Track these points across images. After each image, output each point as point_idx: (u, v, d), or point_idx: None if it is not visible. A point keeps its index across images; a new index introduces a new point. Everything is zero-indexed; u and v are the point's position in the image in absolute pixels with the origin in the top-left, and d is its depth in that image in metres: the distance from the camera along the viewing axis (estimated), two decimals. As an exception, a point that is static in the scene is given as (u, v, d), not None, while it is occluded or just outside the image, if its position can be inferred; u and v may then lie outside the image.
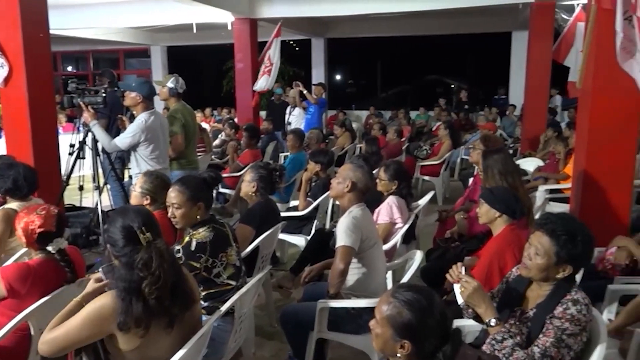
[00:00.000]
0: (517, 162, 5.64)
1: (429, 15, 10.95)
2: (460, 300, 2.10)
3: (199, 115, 10.63)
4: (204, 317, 2.34)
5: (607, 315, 2.81)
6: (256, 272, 3.12)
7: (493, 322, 1.98)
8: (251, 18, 8.89)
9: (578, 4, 6.64)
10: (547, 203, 4.93)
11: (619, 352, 2.46)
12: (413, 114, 12.44)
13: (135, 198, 3.06)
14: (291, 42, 16.82)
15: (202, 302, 2.48)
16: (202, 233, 2.52)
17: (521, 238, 2.56)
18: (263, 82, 8.33)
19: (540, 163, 6.26)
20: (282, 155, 7.34)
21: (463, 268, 2.08)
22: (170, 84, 4.42)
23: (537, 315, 2.00)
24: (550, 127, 7.57)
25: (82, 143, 4.54)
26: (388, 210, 3.57)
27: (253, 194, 3.45)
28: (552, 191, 5.19)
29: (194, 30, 10.22)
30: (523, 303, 2.13)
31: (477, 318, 2.20)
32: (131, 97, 4.07)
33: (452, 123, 8.28)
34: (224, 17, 8.92)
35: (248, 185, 3.47)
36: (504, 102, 12.21)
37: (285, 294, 3.89)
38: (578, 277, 2.53)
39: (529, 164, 6.30)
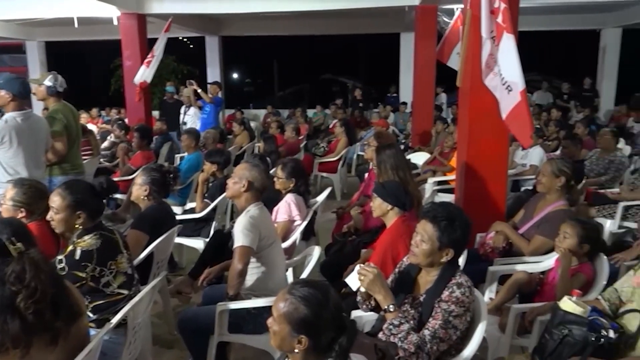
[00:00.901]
0: (408, 156, 5.97)
1: (322, 15, 11.16)
2: (354, 287, 2.16)
3: (84, 116, 9.93)
4: (94, 331, 2.19)
5: (489, 294, 3.06)
6: (151, 279, 2.98)
7: (391, 307, 2.08)
8: (139, 13, 8.47)
9: (457, 8, 7.13)
10: (435, 194, 5.26)
11: (498, 327, 2.69)
12: (310, 112, 12.63)
13: (6, 212, 2.72)
14: (185, 40, 16.30)
15: (90, 315, 2.33)
16: (87, 241, 2.36)
17: (412, 229, 2.68)
18: (140, 74, 7.95)
19: (429, 156, 6.64)
20: (177, 156, 7.09)
21: (358, 266, 2.15)
22: (48, 82, 4.06)
23: (426, 300, 2.13)
24: (439, 121, 8.09)
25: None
26: (286, 208, 3.59)
27: (145, 198, 3.29)
28: (439, 183, 5.55)
29: (76, 25, 9.50)
30: (414, 289, 2.26)
31: (375, 309, 2.29)
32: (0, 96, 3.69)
33: (348, 121, 8.53)
34: (109, 11, 8.41)
35: (140, 189, 3.30)
36: (395, 100, 12.81)
37: (185, 299, 3.78)
38: (462, 261, 2.74)
39: (419, 158, 6.68)
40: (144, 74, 7.90)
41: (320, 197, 4.29)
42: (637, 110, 10.16)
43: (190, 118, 8.46)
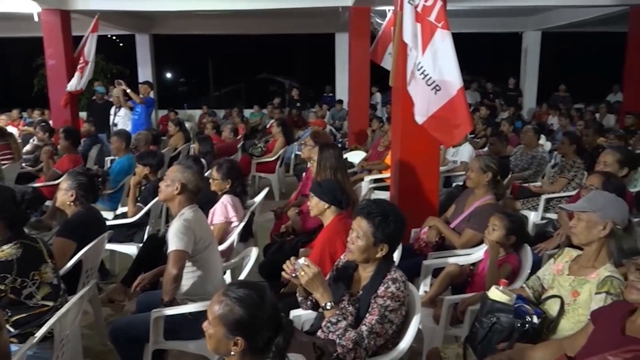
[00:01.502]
0: (345, 155, 6.04)
1: (257, 14, 11.08)
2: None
3: (3, 117, 9.34)
4: (16, 347, 2.07)
5: (423, 287, 3.16)
6: (81, 289, 2.84)
7: (329, 305, 2.10)
8: (62, 9, 8.03)
9: (389, 10, 7.30)
10: (372, 192, 5.36)
11: (433, 319, 2.78)
12: (247, 112, 12.51)
13: None
14: (114, 38, 15.65)
15: (11, 329, 2.19)
16: (6, 251, 2.21)
17: (348, 226, 2.72)
18: (75, 82, 7.61)
19: (364, 155, 6.76)
20: (108, 159, 6.80)
21: (303, 257, 2.15)
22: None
23: (363, 296, 2.17)
24: (374, 120, 8.24)
25: None
26: (223, 209, 3.54)
27: (72, 204, 3.13)
28: (375, 181, 5.66)
29: (-8, 21, 8.90)
30: (352, 286, 2.29)
31: (314, 307, 2.30)
32: None
33: (285, 120, 8.52)
34: (29, 6, 7.91)
35: (65, 194, 3.13)
36: (332, 100, 12.95)
37: (118, 308, 3.63)
38: (397, 257, 2.81)
39: (356, 157, 6.78)
40: (79, 82, 7.56)
41: (258, 198, 4.26)
42: (555, 109, 10.87)
43: (121, 119, 8.13)
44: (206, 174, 4.59)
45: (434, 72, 3.27)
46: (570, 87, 12.92)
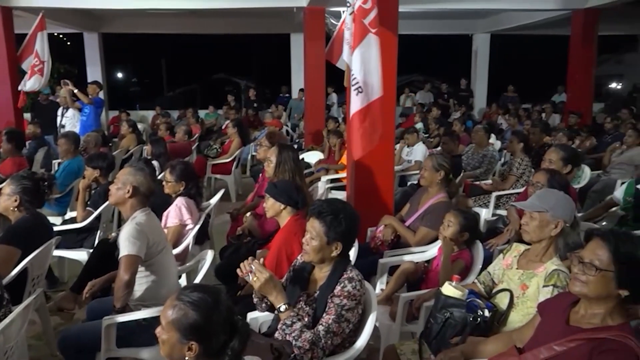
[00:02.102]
0: (302, 155, 6.05)
1: (211, 14, 10.93)
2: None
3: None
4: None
5: (380, 285, 3.20)
6: (27, 298, 2.72)
7: (283, 307, 2.09)
8: (3, 5, 7.67)
9: (343, 11, 7.35)
10: (329, 192, 5.39)
11: (389, 316, 2.82)
12: (202, 113, 12.31)
13: None
14: (61, 36, 15.07)
15: (-51, 344, 2.07)
16: (-57, 261, 2.09)
17: (305, 227, 2.74)
18: (35, 83, 7.28)
19: (321, 156, 6.79)
20: (55, 162, 6.53)
21: (256, 261, 2.14)
22: None
23: (320, 296, 2.17)
24: (330, 121, 8.28)
25: None
26: (177, 212, 3.47)
27: (16, 209, 2.99)
28: (332, 181, 5.69)
29: None
30: (309, 287, 2.29)
31: (271, 309, 2.29)
32: None
33: (241, 121, 8.43)
34: (-33, 2, 7.53)
35: (8, 200, 2.99)
36: (288, 100, 12.93)
37: (68, 317, 3.50)
38: (353, 256, 2.83)
39: (312, 157, 6.80)
40: (39, 82, 7.25)
41: (214, 200, 4.20)
42: (504, 109, 11.25)
43: (69, 120, 7.82)
44: (159, 176, 4.49)
45: (359, 73, 3.33)
46: (518, 87, 13.44)
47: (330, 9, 8.34)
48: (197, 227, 3.55)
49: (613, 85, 22.13)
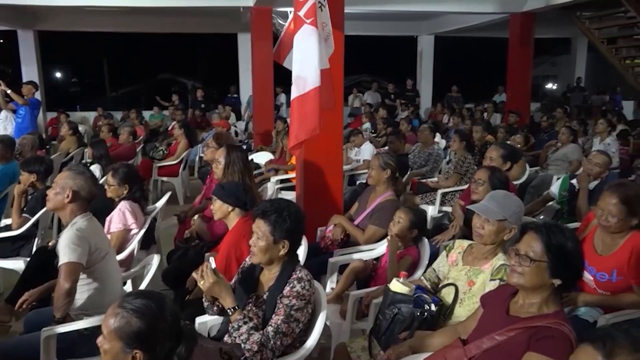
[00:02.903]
0: (251, 156, 6.00)
1: (155, 12, 10.64)
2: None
3: None
4: None
5: (330, 284, 3.22)
6: (-44, 312, 2.56)
7: (230, 311, 2.07)
8: None
9: (290, 11, 7.35)
10: (278, 192, 5.37)
11: (340, 315, 2.84)
12: (147, 114, 11.97)
13: None
14: (-8, 33, 14.25)
15: None
16: None
17: (254, 228, 2.73)
18: None
19: (271, 156, 6.76)
20: (-12, 167, 6.16)
21: (207, 264, 2.11)
22: None
23: (269, 298, 2.16)
24: (279, 121, 8.25)
25: None
26: (120, 216, 3.35)
27: (-58, 217, 2.80)
28: (282, 181, 5.68)
29: None
30: (258, 288, 2.28)
31: (221, 312, 2.26)
32: None
33: (187, 122, 8.26)
34: None
35: None
36: (236, 100, 12.78)
37: (3, 330, 3.32)
38: (303, 256, 2.84)
39: (262, 158, 6.75)
40: None
41: (160, 203, 4.09)
42: (449, 109, 11.60)
43: (2, 123, 7.42)
44: (101, 180, 4.33)
45: (294, 64, 3.35)
46: (462, 88, 13.88)
47: (277, 9, 8.31)
48: (143, 231, 3.44)
49: (549, 85, 23.29)
